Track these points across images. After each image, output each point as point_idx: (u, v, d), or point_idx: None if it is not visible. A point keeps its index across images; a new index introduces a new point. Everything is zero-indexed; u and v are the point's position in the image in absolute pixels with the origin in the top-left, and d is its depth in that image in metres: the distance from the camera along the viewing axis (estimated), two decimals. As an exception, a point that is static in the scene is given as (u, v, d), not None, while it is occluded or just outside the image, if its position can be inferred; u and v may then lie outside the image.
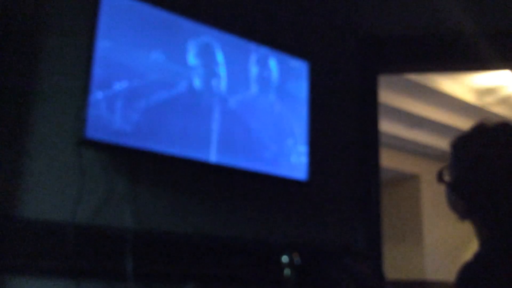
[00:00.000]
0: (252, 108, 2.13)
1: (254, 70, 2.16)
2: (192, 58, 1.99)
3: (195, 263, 1.93)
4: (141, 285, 1.78)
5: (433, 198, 6.25)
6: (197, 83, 1.99)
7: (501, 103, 4.96)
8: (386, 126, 5.22)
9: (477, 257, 1.16)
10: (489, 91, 4.85)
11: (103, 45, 1.75)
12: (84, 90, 1.70)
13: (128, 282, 1.73)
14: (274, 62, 2.23)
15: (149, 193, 1.90)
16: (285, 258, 2.02)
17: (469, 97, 4.92)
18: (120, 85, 1.77)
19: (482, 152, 1.18)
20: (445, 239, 6.02)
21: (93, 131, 1.70)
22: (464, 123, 5.38)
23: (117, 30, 1.80)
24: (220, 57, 2.08)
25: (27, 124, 1.71)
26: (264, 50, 2.21)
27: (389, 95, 4.73)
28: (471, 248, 5.60)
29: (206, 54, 2.04)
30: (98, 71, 1.73)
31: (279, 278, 2.00)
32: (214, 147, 1.98)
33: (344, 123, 2.63)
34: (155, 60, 1.88)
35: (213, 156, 1.97)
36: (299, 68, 2.31)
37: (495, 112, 5.05)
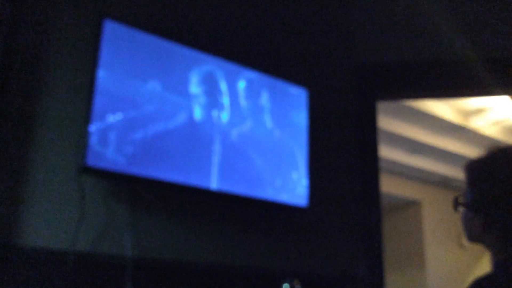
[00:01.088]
0: (253, 137, 2.15)
1: (256, 99, 2.19)
2: (194, 87, 2.02)
3: (195, 291, 1.92)
4: (141, 313, 1.77)
5: (435, 224, 6.22)
6: (198, 113, 2.01)
7: (493, 126, 4.98)
8: (386, 152, 5.23)
9: (490, 275, 1.19)
10: (478, 112, 4.88)
11: (101, 75, 1.78)
12: (85, 119, 1.72)
13: (128, 310, 1.72)
14: (275, 91, 2.26)
15: (149, 221, 1.90)
16: (286, 286, 2.00)
17: (458, 119, 4.92)
18: (116, 116, 1.79)
19: (502, 171, 1.23)
20: (448, 266, 5.97)
21: (94, 159, 1.71)
22: (465, 149, 5.39)
23: (117, 59, 1.83)
24: (223, 86, 2.10)
25: (28, 151, 1.73)
26: (265, 79, 2.24)
27: (388, 121, 4.76)
28: (474, 274, 5.55)
29: (209, 82, 2.07)
30: (97, 100, 1.75)
31: (280, 306, 1.98)
32: (214, 175, 1.99)
33: (344, 149, 2.64)
34: (154, 90, 1.90)
35: (213, 184, 1.98)
36: (298, 95, 2.34)
37: (487, 134, 5.08)
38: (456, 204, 1.35)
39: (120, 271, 1.75)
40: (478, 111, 4.85)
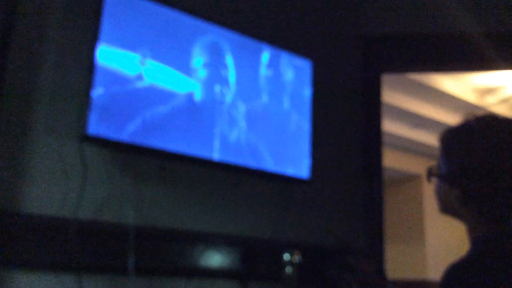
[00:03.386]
0: (256, 109, 2.13)
1: (259, 71, 2.16)
2: (198, 59, 1.99)
3: (197, 260, 1.93)
4: (142, 280, 1.79)
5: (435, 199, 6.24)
6: (202, 85, 1.98)
7: (502, 103, 4.95)
8: (389, 126, 5.21)
9: (467, 258, 1.14)
10: (490, 91, 4.84)
11: (103, 43, 1.75)
12: (87, 86, 1.70)
13: (130, 278, 1.73)
14: (280, 62, 2.23)
15: (151, 190, 1.91)
16: (286, 256, 2.02)
17: (470, 97, 4.90)
18: (118, 86, 1.77)
19: (478, 141, 1.16)
20: (447, 239, 6.02)
21: (95, 128, 1.70)
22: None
23: (119, 29, 1.80)
24: (228, 58, 2.07)
25: (29, 118, 1.72)
26: (272, 50, 2.21)
27: (392, 95, 4.73)
28: (473, 248, 5.58)
29: (213, 54, 2.04)
30: (99, 69, 1.73)
31: (280, 276, 2.00)
32: (217, 146, 1.98)
33: (347, 122, 2.63)
34: (158, 60, 1.88)
35: (216, 154, 1.97)
36: (303, 67, 2.31)
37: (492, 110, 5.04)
38: (429, 175, 1.28)
39: (122, 240, 1.76)
40: (488, 90, 4.81)
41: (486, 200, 1.15)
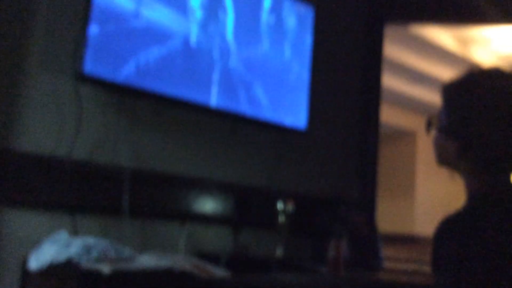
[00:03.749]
0: (255, 57, 2.09)
1: (260, 17, 2.10)
2: (195, 0, 1.93)
3: (191, 205, 1.94)
4: (136, 222, 1.79)
5: (428, 155, 6.28)
6: (200, 30, 1.93)
7: (496, 58, 4.90)
8: (387, 80, 5.16)
9: (462, 212, 1.14)
10: (482, 44, 4.78)
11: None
12: (83, 22, 1.65)
13: (124, 219, 1.74)
14: (283, 7, 2.17)
15: (147, 134, 1.88)
16: (279, 205, 2.03)
17: (463, 51, 4.83)
18: (115, 25, 1.72)
19: (481, 93, 1.15)
20: (436, 196, 6.09)
21: (91, 68, 1.66)
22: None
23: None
24: (228, 1, 2.01)
25: (24, 55, 1.67)
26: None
27: (392, 48, 4.66)
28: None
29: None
30: (95, 5, 1.67)
31: (272, 224, 2.02)
32: (214, 92, 1.95)
33: (347, 73, 2.59)
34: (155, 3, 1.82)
35: (213, 101, 1.94)
36: (305, 14, 2.25)
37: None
38: (428, 125, 1.27)
39: (116, 182, 1.75)
40: (482, 42, 4.75)
41: (484, 152, 1.14)
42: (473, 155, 1.15)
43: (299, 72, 2.22)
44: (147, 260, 1.37)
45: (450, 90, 1.22)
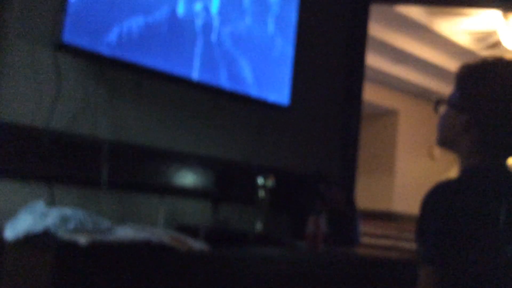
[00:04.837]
0: (239, 31, 2.06)
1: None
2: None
3: (171, 178, 1.93)
4: (115, 195, 1.78)
5: (409, 134, 6.34)
6: (183, 2, 1.90)
7: (491, 48, 4.92)
8: (371, 59, 5.16)
9: (453, 180, 1.20)
10: (479, 34, 4.80)
11: None
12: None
13: (102, 191, 1.72)
14: (264, -20, 2.14)
15: (127, 106, 1.86)
16: (260, 180, 2.03)
17: (458, 39, 4.87)
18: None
19: (493, 75, 1.22)
20: (416, 175, 6.17)
21: (71, 37, 1.62)
22: (449, 63, 5.36)
23: None
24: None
25: (2, 26, 1.62)
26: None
27: (377, 27, 4.65)
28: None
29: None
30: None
31: (252, 199, 2.02)
32: (197, 65, 1.93)
33: (331, 50, 2.58)
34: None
35: (195, 74, 1.92)
36: (290, -12, 2.22)
37: (475, 50, 5.04)
38: (437, 104, 1.34)
39: (95, 153, 1.73)
40: (478, 33, 4.76)
41: (488, 129, 1.21)
42: (478, 130, 1.22)
43: (283, 48, 2.20)
44: (125, 232, 1.37)
45: (465, 71, 1.28)
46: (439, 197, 1.17)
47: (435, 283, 1.13)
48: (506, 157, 1.22)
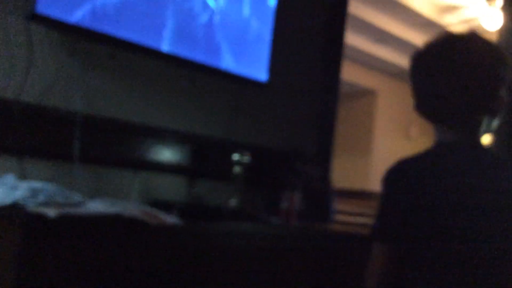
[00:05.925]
0: (216, 5, 2.03)
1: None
2: None
3: (146, 153, 1.92)
4: (87, 169, 1.76)
5: (387, 115, 6.39)
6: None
7: (462, 24, 4.95)
8: (351, 38, 5.16)
9: (416, 157, 1.20)
10: (453, 10, 4.81)
11: None
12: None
13: (75, 165, 1.70)
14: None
15: (101, 78, 1.83)
16: (236, 156, 2.03)
17: (433, 15, 4.86)
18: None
19: (435, 61, 1.20)
20: (392, 155, 6.23)
21: (45, 7, 1.58)
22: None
23: None
24: None
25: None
26: None
27: (358, 6, 4.64)
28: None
29: None
30: None
31: (228, 175, 2.02)
32: (170, 37, 1.90)
33: (310, 28, 2.56)
34: None
35: (168, 46, 1.88)
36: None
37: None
38: None
39: (68, 126, 1.71)
40: (451, 8, 4.78)
41: (431, 111, 1.20)
42: (423, 113, 1.21)
43: (262, 23, 2.18)
44: (96, 206, 1.36)
45: (414, 55, 1.27)
46: (396, 173, 1.17)
47: (384, 260, 1.12)
48: (473, 132, 1.18)
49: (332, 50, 2.67)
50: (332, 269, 1.75)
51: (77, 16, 1.66)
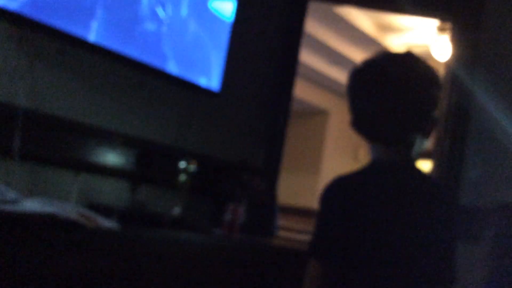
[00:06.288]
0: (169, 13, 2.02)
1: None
2: None
3: (88, 155, 1.86)
4: (26, 167, 1.70)
5: (337, 135, 6.49)
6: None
7: (413, 47, 5.11)
8: (305, 57, 5.23)
9: (351, 174, 1.21)
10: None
11: None
12: None
13: (13, 162, 1.63)
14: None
15: (48, 73, 1.77)
16: (182, 164, 2.01)
17: (378, 36, 4.99)
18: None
19: (366, 78, 1.23)
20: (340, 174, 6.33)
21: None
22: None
23: None
24: None
25: None
26: None
27: (315, 26, 4.71)
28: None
29: None
30: None
31: (173, 183, 2.00)
32: (118, 34, 1.84)
33: (266, 42, 2.58)
34: None
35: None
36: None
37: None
38: None
39: (8, 121, 1.64)
40: (398, 30, 4.92)
41: (365, 129, 1.22)
42: (359, 130, 1.23)
43: (217, 32, 2.18)
44: (31, 205, 1.31)
45: (352, 72, 1.28)
46: (332, 191, 1.18)
47: (317, 276, 1.12)
48: (406, 152, 1.19)
49: (286, 66, 2.70)
50: (270, 284, 1.74)
51: (18, 2, 1.58)
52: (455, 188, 2.46)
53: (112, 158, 1.93)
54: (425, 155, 1.45)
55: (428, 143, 1.23)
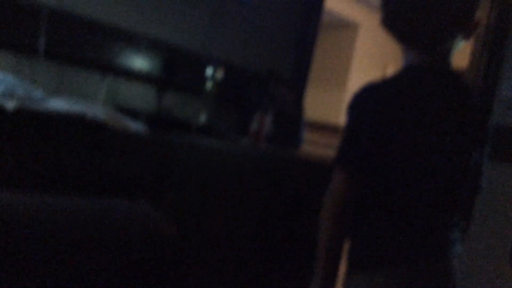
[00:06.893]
0: None
1: None
2: None
3: (116, 57, 1.82)
4: (52, 65, 1.67)
5: (366, 50, 6.31)
6: None
7: None
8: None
9: (382, 82, 1.11)
10: None
11: None
12: None
13: (39, 60, 1.61)
14: None
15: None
16: (209, 70, 1.96)
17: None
18: None
19: None
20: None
21: None
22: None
23: None
24: None
25: None
26: None
27: None
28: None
29: None
30: None
31: (200, 89, 1.96)
32: None
33: None
34: None
35: None
36: None
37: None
38: None
39: (34, 19, 1.59)
40: None
41: (398, 27, 1.09)
42: (390, 29, 1.10)
43: None
44: (58, 104, 1.29)
45: None
46: (361, 98, 1.08)
47: (342, 186, 1.08)
48: (443, 56, 1.08)
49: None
50: (294, 194, 1.74)
51: None
52: (490, 105, 2.37)
53: (139, 62, 1.89)
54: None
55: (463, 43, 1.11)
